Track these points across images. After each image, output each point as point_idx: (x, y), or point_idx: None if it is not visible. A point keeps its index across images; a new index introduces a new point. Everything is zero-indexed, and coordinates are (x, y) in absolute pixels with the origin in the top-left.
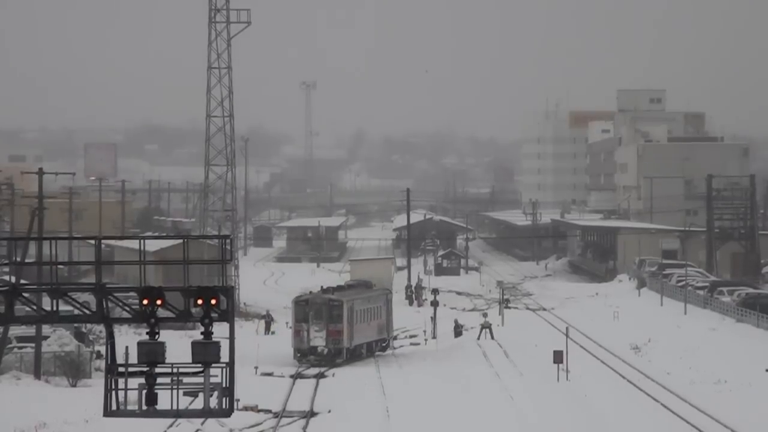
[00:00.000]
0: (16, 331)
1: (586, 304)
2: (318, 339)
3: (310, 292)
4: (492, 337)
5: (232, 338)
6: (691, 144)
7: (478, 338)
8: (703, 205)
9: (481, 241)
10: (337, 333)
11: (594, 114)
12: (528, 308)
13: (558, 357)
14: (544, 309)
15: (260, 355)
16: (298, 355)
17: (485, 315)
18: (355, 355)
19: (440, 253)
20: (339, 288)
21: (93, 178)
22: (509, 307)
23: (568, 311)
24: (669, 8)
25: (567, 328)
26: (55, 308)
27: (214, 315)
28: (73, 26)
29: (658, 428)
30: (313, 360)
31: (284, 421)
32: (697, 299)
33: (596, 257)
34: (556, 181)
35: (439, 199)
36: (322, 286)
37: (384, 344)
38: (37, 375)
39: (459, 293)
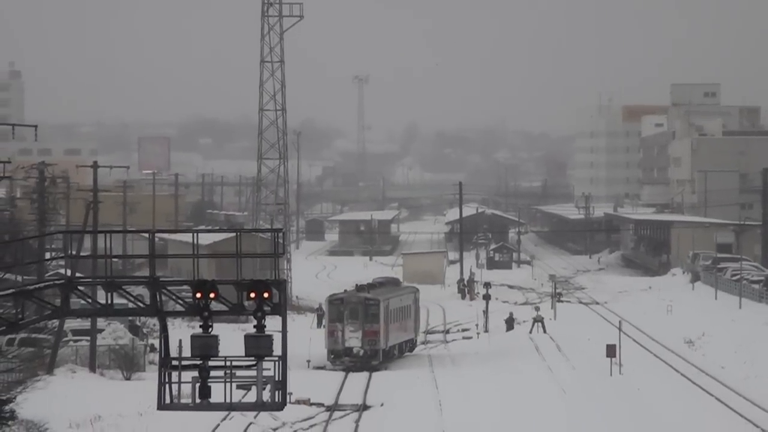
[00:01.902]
0: (71, 324)
1: (639, 298)
2: (353, 340)
3: (345, 291)
4: (544, 331)
5: (284, 332)
6: (746, 138)
7: (530, 332)
8: (758, 198)
9: (534, 234)
10: (373, 333)
11: (647, 108)
12: (580, 302)
13: (611, 351)
14: (597, 303)
15: (312, 348)
16: (332, 356)
17: (537, 309)
18: (388, 357)
19: (492, 246)
20: (371, 286)
21: (147, 171)
22: (562, 301)
23: (621, 305)
24: (724, 2)
25: (620, 322)
26: (109, 301)
27: (266, 308)
28: (129, 20)
29: (712, 423)
30: (348, 362)
31: (336, 414)
32: (753, 293)
33: (649, 251)
34: (608, 174)
35: (491, 192)
36: (357, 284)
37: (412, 345)
38: (92, 368)
39: (511, 287)
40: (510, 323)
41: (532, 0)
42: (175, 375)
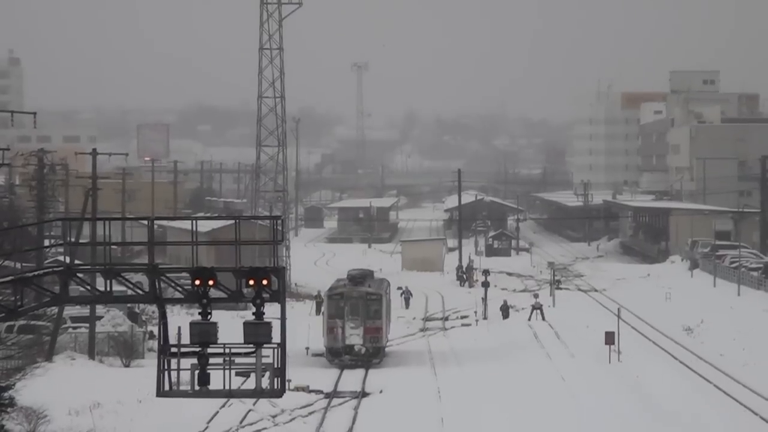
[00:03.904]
0: (70, 311)
1: (637, 285)
2: (354, 337)
3: (345, 285)
4: (543, 318)
5: (283, 319)
6: (745, 125)
7: (529, 319)
8: (757, 186)
9: (532, 222)
10: (375, 330)
11: (646, 95)
12: (579, 289)
13: (610, 338)
14: (596, 290)
15: (311, 335)
16: (330, 355)
17: (536, 296)
18: (385, 353)
19: (491, 234)
20: (358, 278)
21: (146, 158)
22: (560, 288)
23: (619, 292)
24: None
25: (619, 309)
26: (108, 288)
27: (265, 295)
28: (128, 7)
29: (711, 409)
30: (348, 360)
31: (335, 401)
32: (751, 280)
33: (648, 238)
34: (607, 162)
35: (490, 180)
36: (350, 276)
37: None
38: (91, 355)
39: (510, 274)
40: (505, 311)
41: None
42: (174, 362)
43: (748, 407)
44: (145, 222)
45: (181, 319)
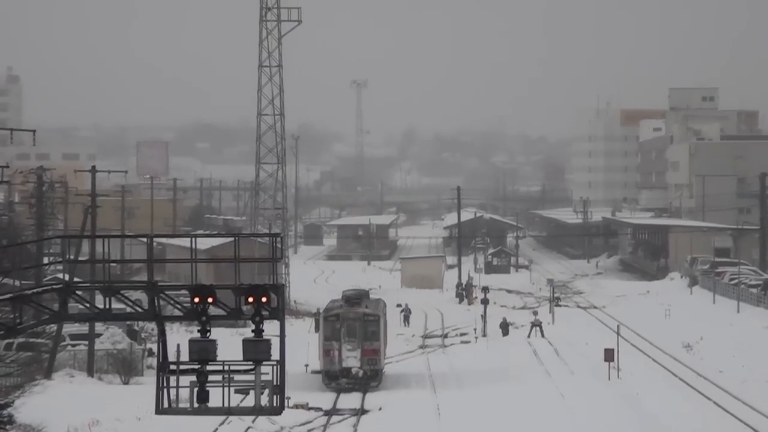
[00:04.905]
0: (69, 328)
1: (637, 302)
2: (351, 359)
3: (341, 306)
4: (542, 335)
5: (282, 336)
6: (744, 142)
7: (529, 336)
8: (756, 203)
9: (532, 239)
10: (373, 352)
11: (645, 112)
12: (579, 306)
13: (609, 355)
14: (595, 307)
15: (310, 352)
16: (327, 379)
17: (535, 313)
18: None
19: (490, 251)
20: (354, 298)
21: (145, 176)
22: (560, 305)
23: (619, 309)
24: (722, 6)
25: (618, 326)
26: (107, 306)
27: (264, 313)
28: (128, 25)
29: (710, 427)
30: (345, 384)
31: (335, 418)
32: (751, 297)
33: (648, 255)
34: (606, 179)
35: (489, 197)
36: (345, 297)
37: None
38: (90, 373)
39: (509, 291)
40: (504, 328)
41: (530, 4)
42: (173, 379)
43: (748, 424)
44: (144, 239)
45: (180, 337)
